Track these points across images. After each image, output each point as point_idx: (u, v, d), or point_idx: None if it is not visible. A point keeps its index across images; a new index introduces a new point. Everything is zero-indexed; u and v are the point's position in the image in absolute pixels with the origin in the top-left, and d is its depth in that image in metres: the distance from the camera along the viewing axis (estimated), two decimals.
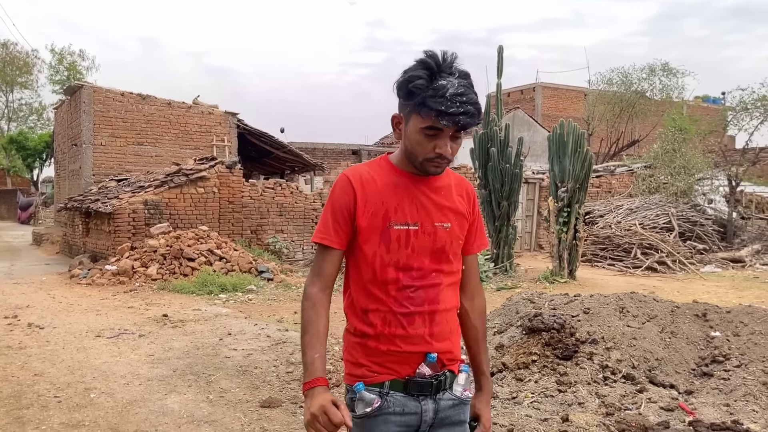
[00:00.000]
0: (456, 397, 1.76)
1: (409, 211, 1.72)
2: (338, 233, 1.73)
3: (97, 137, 16.66)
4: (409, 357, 1.71)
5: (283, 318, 7.85)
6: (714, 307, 5.02)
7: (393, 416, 1.69)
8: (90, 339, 6.56)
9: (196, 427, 4.06)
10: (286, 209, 13.69)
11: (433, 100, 1.59)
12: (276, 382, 5.05)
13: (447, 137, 1.64)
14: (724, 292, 11.08)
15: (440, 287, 1.74)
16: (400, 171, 1.76)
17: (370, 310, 1.72)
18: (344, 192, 1.74)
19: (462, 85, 1.61)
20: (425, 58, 1.63)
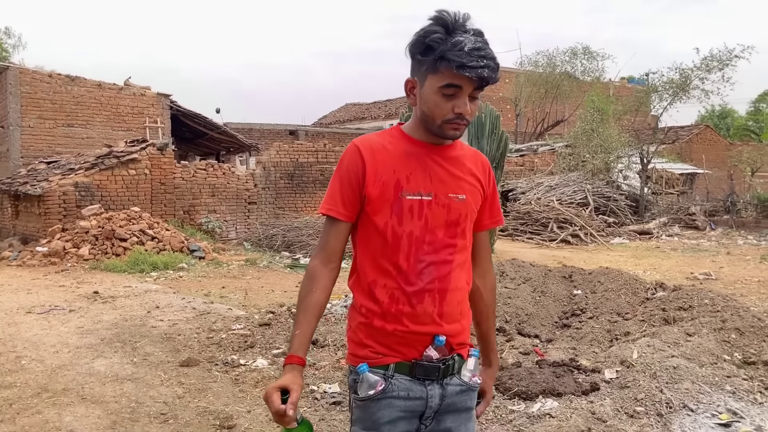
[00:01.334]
0: (464, 382, 1.70)
1: (423, 180, 1.66)
2: (346, 205, 1.67)
3: (25, 119, 16.47)
4: (416, 338, 1.64)
5: (210, 292, 8.34)
6: (579, 269, 5.84)
7: (397, 400, 1.63)
8: (21, 315, 6.90)
9: (119, 384, 4.57)
10: (218, 190, 14.05)
11: (453, 53, 1.53)
12: (196, 346, 5.59)
13: (465, 96, 1.59)
14: (624, 260, 12.15)
15: (452, 264, 1.68)
16: (413, 140, 1.69)
17: (378, 285, 1.66)
18: (353, 161, 1.67)
19: (479, 41, 1.56)
20: (440, 15, 1.58)
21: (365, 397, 1.62)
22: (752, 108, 53.96)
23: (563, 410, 3.58)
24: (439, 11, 1.58)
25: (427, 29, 1.58)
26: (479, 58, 1.53)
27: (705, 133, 35.55)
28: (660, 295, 5.26)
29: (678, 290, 5.34)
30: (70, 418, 3.93)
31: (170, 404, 4.17)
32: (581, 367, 4.13)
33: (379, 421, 1.62)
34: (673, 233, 17.03)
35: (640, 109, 20.01)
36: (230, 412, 4.00)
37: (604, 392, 3.80)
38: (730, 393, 3.68)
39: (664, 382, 3.78)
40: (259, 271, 10.57)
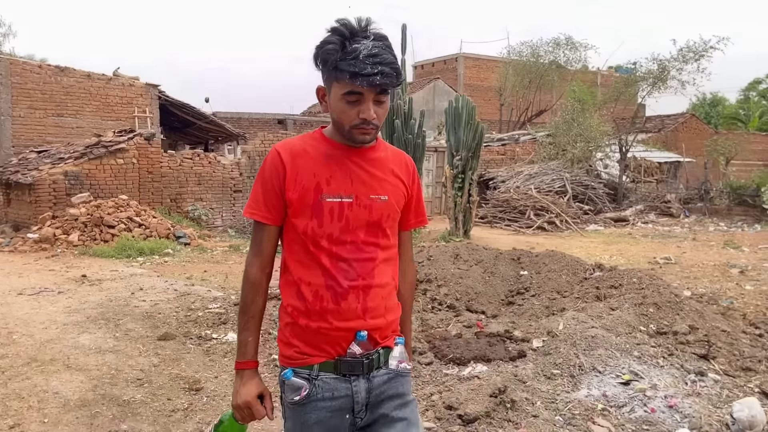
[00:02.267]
0: (391, 370, 1.74)
1: (343, 183, 1.69)
2: (269, 209, 1.71)
3: (16, 109, 16.81)
4: (340, 335, 1.68)
5: (192, 276, 8.81)
6: (527, 252, 6.33)
7: (322, 402, 1.66)
8: (12, 296, 7.36)
9: (101, 355, 5.05)
10: (204, 178, 14.48)
11: (346, 63, 1.56)
12: (174, 323, 6.07)
13: (369, 101, 1.61)
14: (594, 246, 12.70)
15: (375, 261, 1.71)
16: (334, 143, 1.72)
17: (303, 284, 1.69)
18: (273, 166, 1.70)
19: (376, 46, 1.58)
20: (337, 26, 1.61)
21: (291, 402, 1.68)
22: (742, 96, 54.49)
23: (490, 373, 4.09)
24: (338, 20, 1.62)
25: (324, 40, 1.62)
26: (374, 65, 1.55)
27: (691, 122, 36.04)
28: (596, 275, 5.77)
29: (612, 270, 5.86)
30: (56, 383, 4.41)
31: (146, 371, 4.66)
32: (513, 337, 4.64)
33: (308, 422, 1.67)
34: (648, 220, 17.59)
35: (619, 99, 20.42)
36: (199, 378, 4.50)
37: (529, 358, 4.30)
38: (636, 358, 4.19)
39: (581, 349, 4.29)
40: (241, 257, 11.03)
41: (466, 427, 3.51)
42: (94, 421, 3.78)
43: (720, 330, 4.77)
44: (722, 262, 10.23)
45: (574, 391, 3.90)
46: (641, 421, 3.54)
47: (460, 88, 34.63)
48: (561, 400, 3.79)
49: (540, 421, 3.56)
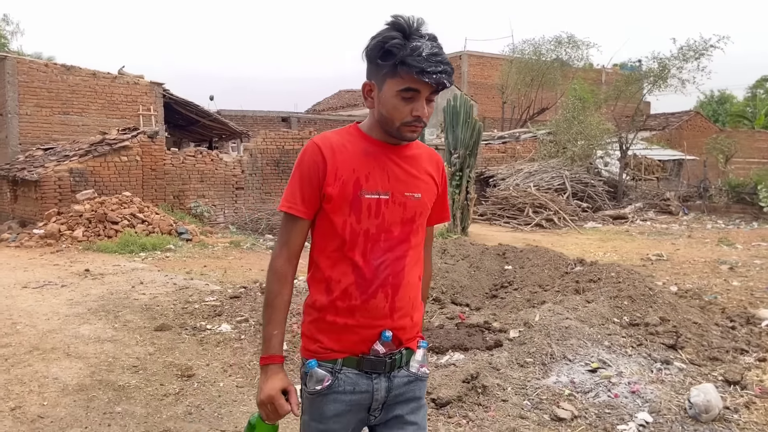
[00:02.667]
0: (412, 373, 1.76)
1: (381, 179, 1.70)
2: (305, 203, 1.71)
3: (23, 107, 17.11)
4: (366, 334, 1.69)
5: (192, 270, 9.05)
6: (512, 247, 6.53)
7: (343, 395, 1.69)
8: (17, 289, 7.62)
9: (100, 345, 5.29)
10: (206, 176, 14.73)
11: (412, 58, 1.57)
12: (171, 314, 6.31)
13: (423, 99, 1.64)
14: (589, 243, 12.87)
15: (406, 260, 1.73)
16: (372, 139, 1.73)
17: (333, 281, 1.70)
18: (314, 160, 1.69)
19: (435, 46, 1.61)
20: (396, 21, 1.62)
21: (313, 392, 1.69)
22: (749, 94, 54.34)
23: (466, 361, 4.30)
24: (395, 16, 1.63)
25: (386, 34, 1.62)
26: (437, 63, 1.58)
27: (695, 120, 36.07)
28: (577, 270, 5.96)
29: (592, 265, 6.05)
30: (56, 369, 4.65)
31: (142, 359, 4.90)
32: (492, 328, 4.85)
33: (326, 414, 1.69)
34: (647, 218, 17.72)
35: (620, 97, 20.53)
36: (191, 365, 4.73)
37: (505, 347, 4.51)
38: (606, 347, 4.39)
39: (555, 339, 4.49)
40: (241, 252, 11.28)
41: (438, 410, 3.73)
42: (90, 404, 4.01)
43: (692, 322, 4.96)
44: (713, 259, 10.39)
45: (544, 378, 4.10)
46: (604, 405, 3.75)
47: (464, 86, 34.76)
48: (531, 386, 3.99)
49: (509, 405, 3.77)
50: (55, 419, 3.78)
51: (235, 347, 5.19)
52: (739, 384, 4.13)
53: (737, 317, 5.69)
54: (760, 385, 4.16)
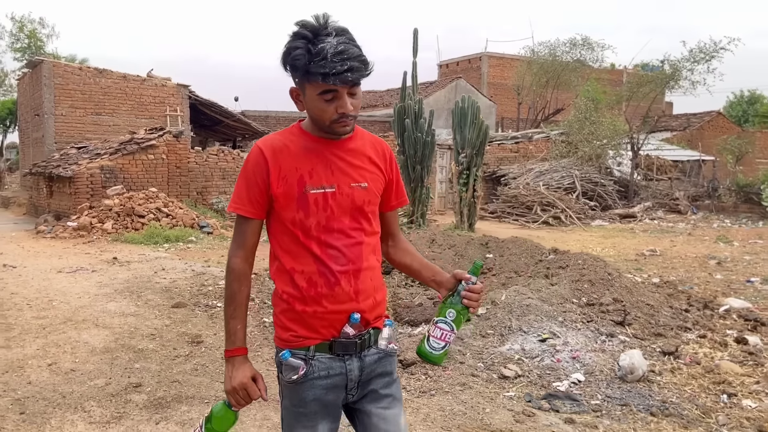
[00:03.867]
0: (381, 350, 1.84)
1: (324, 174, 1.75)
2: (253, 203, 1.77)
3: (58, 108, 18.19)
4: (334, 318, 1.76)
5: (210, 260, 9.83)
6: (495, 238, 7.15)
7: (318, 380, 1.75)
8: (53, 273, 8.47)
9: (124, 318, 6.05)
10: (228, 173, 15.57)
11: (315, 65, 1.60)
12: (188, 295, 7.06)
13: (344, 96, 1.66)
14: (591, 239, 13.37)
15: (362, 246, 1.79)
16: (312, 136, 1.78)
17: (296, 272, 1.76)
18: (256, 162, 1.76)
19: (341, 42, 1.61)
20: (298, 29, 1.65)
21: (290, 381, 1.75)
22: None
23: None
24: (298, 23, 1.65)
25: (290, 46, 1.66)
26: (342, 62, 1.59)
27: (717, 121, 35.99)
28: (550, 258, 6.55)
29: (563, 254, 6.64)
30: (86, 336, 5.42)
31: (159, 329, 5.65)
32: None
33: (305, 399, 1.76)
34: (655, 217, 18.08)
35: (632, 98, 20.88)
36: (201, 334, 5.46)
37: (472, 322, 5.14)
38: (559, 322, 5.00)
39: (515, 315, 5.12)
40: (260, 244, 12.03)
41: (404, 370, 4.39)
42: (114, 362, 4.76)
43: (645, 304, 5.54)
44: (704, 255, 10.84)
45: (500, 346, 4.74)
46: (546, 368, 4.37)
47: (484, 87, 35.23)
48: (487, 353, 4.63)
49: (465, 366, 4.42)
50: (84, 372, 4.53)
51: None
52: (673, 354, 4.71)
53: (696, 302, 6.24)
54: (692, 355, 4.74)
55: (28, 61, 22.11)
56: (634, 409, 3.81)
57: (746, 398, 4.00)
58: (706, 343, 5.06)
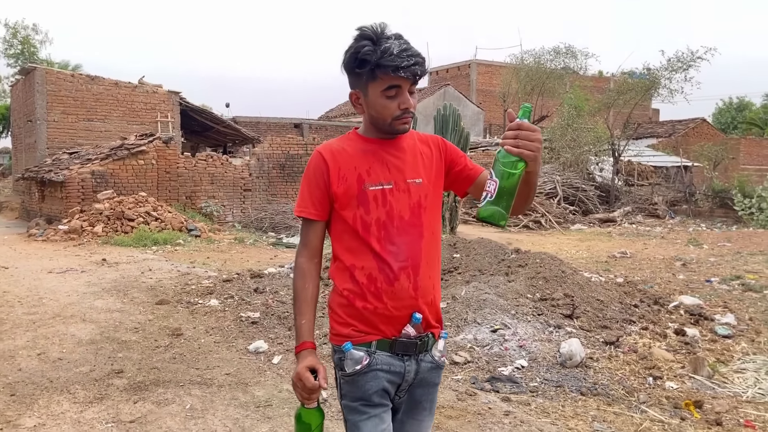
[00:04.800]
0: (434, 361, 1.88)
1: (381, 172, 1.82)
2: (315, 205, 1.85)
3: (50, 114, 18.55)
4: (396, 317, 1.79)
5: (195, 261, 10.21)
6: (462, 239, 7.56)
7: (381, 372, 1.79)
8: (44, 274, 8.83)
9: (110, 314, 6.43)
10: (217, 178, 15.95)
11: (385, 59, 1.71)
12: (171, 293, 7.45)
13: (406, 92, 1.77)
14: (568, 242, 13.81)
15: (422, 242, 1.82)
16: (367, 138, 1.87)
17: (356, 269, 1.80)
18: (317, 165, 1.85)
19: (403, 42, 1.75)
20: (362, 31, 1.76)
21: (352, 373, 1.78)
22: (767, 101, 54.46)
23: None
24: (359, 28, 1.77)
25: (357, 45, 1.76)
26: (408, 57, 1.72)
27: (702, 127, 36.63)
28: (512, 257, 6.98)
29: (524, 253, 7.06)
30: (73, 329, 5.80)
31: (142, 324, 6.03)
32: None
33: (369, 391, 1.79)
34: (635, 221, 18.55)
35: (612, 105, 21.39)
36: (181, 327, 5.85)
37: None
38: (512, 315, 5.41)
39: (472, 309, 5.53)
40: (244, 247, 12.44)
41: None
42: (98, 352, 5.14)
43: (595, 299, 5.96)
44: (672, 257, 11.29)
45: (455, 336, 5.15)
46: (494, 355, 4.79)
47: (473, 94, 35.79)
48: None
49: None
50: (71, 361, 4.91)
51: (219, 316, 6.31)
52: (614, 344, 5.13)
53: (648, 299, 6.66)
54: (631, 345, 5.16)
55: (21, 68, 22.50)
56: (567, 390, 4.22)
57: (670, 381, 4.42)
58: (647, 334, 5.48)
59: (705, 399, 4.07)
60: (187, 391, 4.25)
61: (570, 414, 3.87)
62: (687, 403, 3.99)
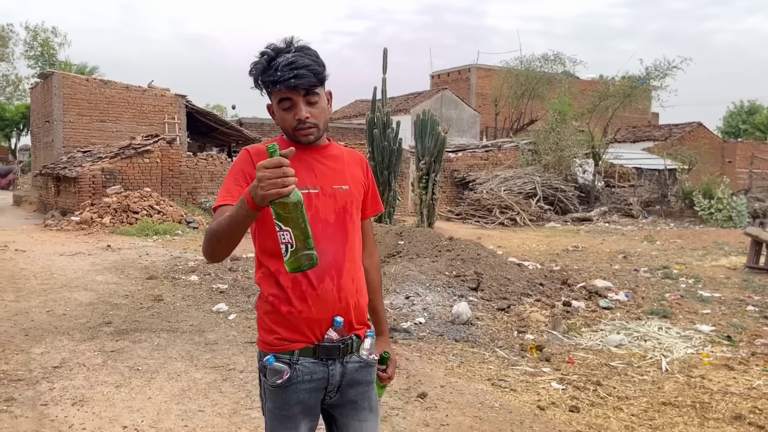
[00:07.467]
0: (362, 360, 1.89)
1: (308, 176, 1.82)
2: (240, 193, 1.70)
3: (66, 116, 20.09)
4: (319, 320, 1.80)
5: (188, 248, 11.59)
6: (408, 229, 8.85)
7: (301, 384, 1.81)
8: (56, 256, 10.25)
9: (107, 285, 7.80)
10: (216, 176, 17.36)
11: (267, 75, 1.75)
12: (162, 271, 8.81)
13: (300, 103, 1.76)
14: (534, 238, 15.02)
15: (346, 245, 1.85)
16: (295, 144, 1.83)
17: (281, 273, 1.78)
18: (244, 162, 1.83)
19: (295, 56, 1.74)
20: (264, 48, 1.79)
21: (274, 385, 1.81)
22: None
23: None
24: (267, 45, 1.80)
25: (252, 63, 1.81)
26: (290, 70, 1.72)
27: (698, 131, 37.51)
28: (444, 243, 8.26)
29: (454, 240, 8.34)
30: (76, 295, 7.17)
31: (132, 292, 7.39)
32: None
33: (289, 403, 1.82)
34: (610, 220, 19.68)
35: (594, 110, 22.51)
36: (162, 295, 7.20)
37: None
38: (426, 286, 6.69)
39: (397, 282, 6.81)
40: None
41: None
42: (94, 310, 6.50)
43: (503, 277, 7.22)
44: (618, 251, 12.48)
45: None
46: (401, 314, 6.07)
47: (473, 97, 36.99)
48: None
49: None
50: (72, 316, 6.27)
51: (195, 287, 7.66)
52: (504, 310, 6.40)
53: (557, 280, 7.90)
54: (519, 311, 6.42)
55: (40, 73, 24.11)
56: (446, 338, 5.51)
57: (531, 334, 5.69)
58: (538, 304, 6.74)
59: (547, 345, 5.33)
60: (158, 335, 5.59)
61: (438, 352, 5.15)
62: (531, 347, 5.26)
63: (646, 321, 6.35)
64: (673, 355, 5.20)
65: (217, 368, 4.68)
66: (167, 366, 4.71)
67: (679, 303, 7.35)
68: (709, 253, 12.15)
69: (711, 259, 11.38)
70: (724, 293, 8.05)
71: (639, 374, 4.71)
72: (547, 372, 4.71)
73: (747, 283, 8.77)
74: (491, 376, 4.62)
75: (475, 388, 4.33)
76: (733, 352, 5.34)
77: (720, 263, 10.84)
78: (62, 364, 4.73)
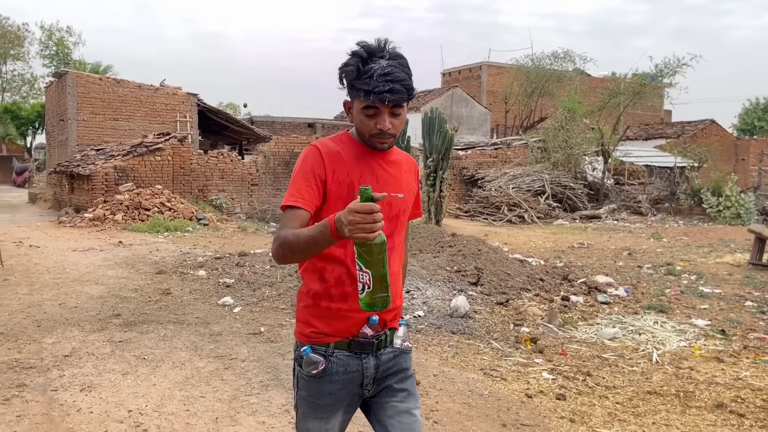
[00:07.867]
0: (396, 348, 1.96)
1: (371, 181, 1.86)
2: (311, 195, 1.82)
3: (80, 114, 20.42)
4: (356, 317, 1.86)
5: (197, 244, 11.81)
6: (414, 225, 8.97)
7: (336, 375, 1.87)
8: (69, 251, 10.50)
9: (117, 279, 8.02)
10: (226, 173, 17.59)
11: (360, 82, 1.75)
12: (171, 266, 9.02)
13: (385, 114, 1.79)
14: (541, 235, 15.10)
15: (392, 253, 1.88)
16: (360, 146, 1.90)
17: (326, 270, 1.86)
18: (315, 159, 1.85)
19: (390, 65, 1.74)
20: (357, 48, 1.79)
21: (309, 375, 1.88)
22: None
23: None
24: (359, 42, 1.80)
25: (344, 62, 1.82)
26: (385, 83, 1.72)
27: (711, 129, 37.30)
28: (446, 239, 8.39)
29: (458, 237, 8.46)
30: (87, 289, 7.39)
31: (141, 286, 7.60)
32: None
33: (322, 393, 1.89)
34: (619, 218, 19.69)
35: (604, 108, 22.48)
36: (170, 288, 7.40)
37: None
38: (427, 281, 6.83)
39: None
40: (245, 235, 14.01)
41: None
42: (104, 303, 6.71)
43: (504, 272, 7.35)
44: (623, 248, 12.54)
45: None
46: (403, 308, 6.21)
47: (483, 95, 37.03)
48: None
49: None
50: (83, 308, 6.48)
51: (203, 281, 7.86)
52: (503, 304, 6.53)
53: (558, 276, 8.01)
54: (517, 305, 6.55)
55: (54, 72, 24.48)
56: (444, 330, 5.65)
57: (527, 327, 5.82)
58: (536, 299, 6.87)
59: (541, 338, 5.46)
60: (164, 326, 5.78)
61: (435, 343, 5.30)
62: (525, 339, 5.39)
63: (643, 315, 6.46)
64: (665, 348, 5.31)
65: (219, 357, 4.86)
66: (172, 355, 4.90)
67: (678, 298, 7.44)
68: (715, 250, 12.18)
69: (716, 256, 11.42)
70: (724, 289, 8.12)
71: (629, 365, 4.83)
72: (539, 363, 4.84)
73: (749, 280, 8.82)
74: (484, 366, 4.76)
75: (466, 377, 4.48)
76: (725, 346, 5.44)
77: (724, 260, 10.88)
78: (72, 353, 4.93)
